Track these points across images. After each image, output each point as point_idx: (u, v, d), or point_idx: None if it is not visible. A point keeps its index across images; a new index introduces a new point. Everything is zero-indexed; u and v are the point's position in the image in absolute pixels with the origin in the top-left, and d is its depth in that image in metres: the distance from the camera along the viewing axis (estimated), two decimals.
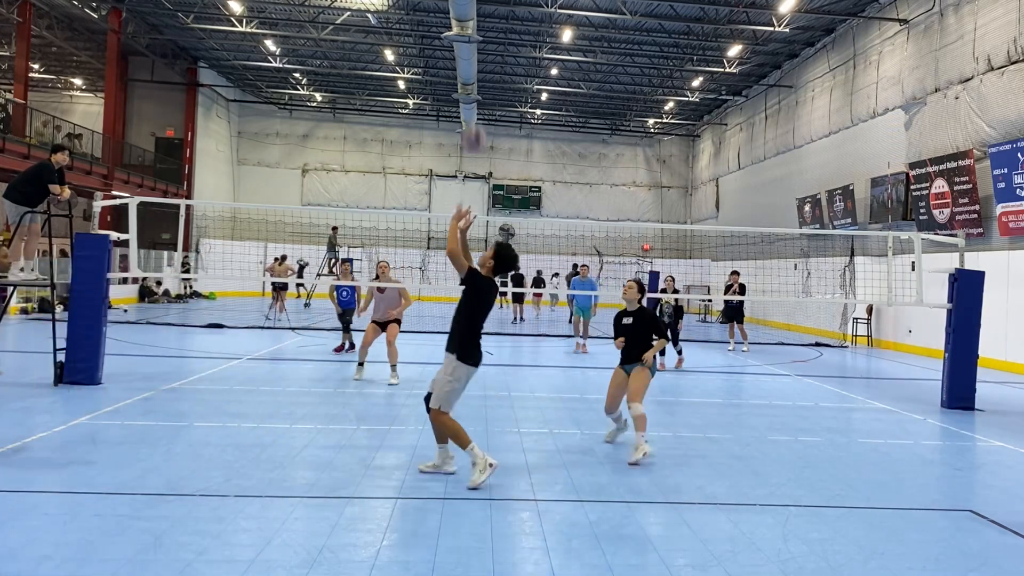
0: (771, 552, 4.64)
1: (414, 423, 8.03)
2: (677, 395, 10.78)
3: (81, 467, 5.85)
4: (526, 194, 38.82)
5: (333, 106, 37.53)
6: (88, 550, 4.21)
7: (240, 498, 5.22)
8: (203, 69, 32.76)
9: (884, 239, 15.22)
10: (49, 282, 10.39)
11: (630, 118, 37.19)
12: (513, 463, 6.51)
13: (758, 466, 6.79)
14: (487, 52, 27.49)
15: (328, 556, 4.27)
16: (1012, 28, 15.31)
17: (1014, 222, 14.88)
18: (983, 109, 16.03)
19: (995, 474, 6.92)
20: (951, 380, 10.28)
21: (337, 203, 37.48)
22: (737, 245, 29.18)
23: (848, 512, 5.50)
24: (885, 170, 19.92)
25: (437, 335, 18.86)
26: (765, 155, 28.96)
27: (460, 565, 4.23)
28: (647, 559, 4.45)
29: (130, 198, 10.41)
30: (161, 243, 29.52)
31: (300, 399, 9.23)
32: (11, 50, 27.72)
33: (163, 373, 10.68)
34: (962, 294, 10.31)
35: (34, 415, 7.65)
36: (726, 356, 16.22)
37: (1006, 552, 4.83)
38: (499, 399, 9.66)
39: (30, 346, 13.39)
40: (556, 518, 5.12)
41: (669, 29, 24.76)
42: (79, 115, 33.94)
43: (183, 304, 27.69)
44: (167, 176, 31.21)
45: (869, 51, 21.26)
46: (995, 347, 14.83)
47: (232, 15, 25.30)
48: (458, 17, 19.28)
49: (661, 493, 5.82)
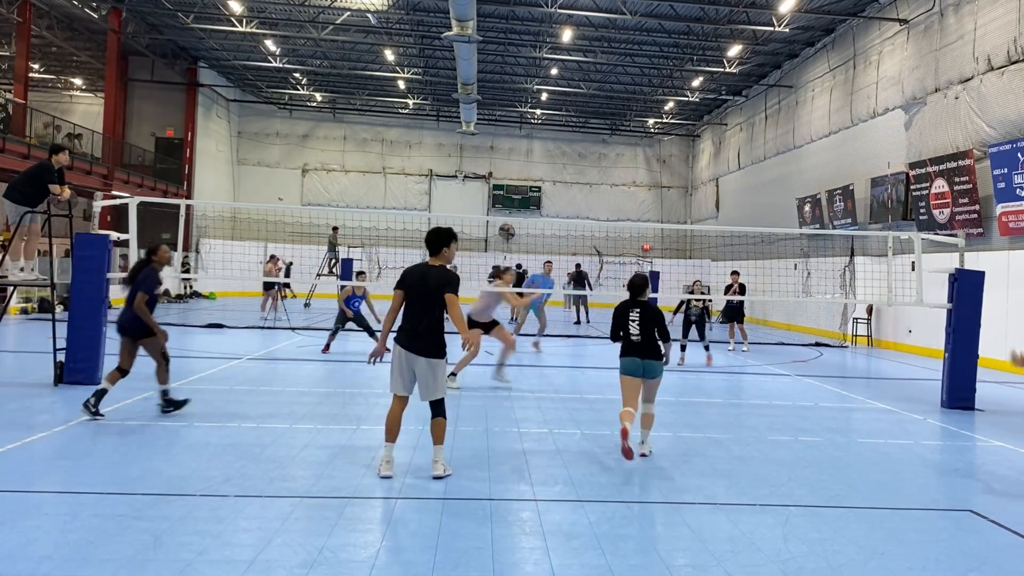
0: (771, 552, 4.64)
1: (414, 423, 8.02)
2: (677, 395, 10.78)
3: (81, 467, 5.85)
4: (526, 194, 38.82)
5: (333, 106, 37.53)
6: (88, 550, 4.21)
7: (240, 498, 5.22)
8: (203, 69, 32.75)
9: (884, 239, 15.21)
10: (49, 282, 10.39)
11: (630, 118, 37.18)
12: (513, 463, 6.51)
13: (758, 466, 6.79)
14: (487, 52, 27.49)
15: (328, 556, 4.27)
16: (1012, 28, 15.31)
17: (1014, 222, 14.88)
18: (983, 109, 16.02)
19: (995, 474, 6.92)
20: (951, 380, 10.28)
21: (337, 203, 37.47)
22: (737, 245, 29.18)
23: (848, 512, 5.50)
24: (885, 170, 19.92)
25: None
26: (765, 155, 28.96)
27: (460, 565, 4.23)
28: (647, 559, 4.45)
29: (130, 198, 10.42)
30: (161, 243, 29.48)
31: (300, 399, 9.22)
32: (11, 50, 27.73)
33: None
34: (962, 294, 10.31)
35: (34, 415, 7.66)
36: (726, 356, 16.22)
37: (1006, 552, 4.83)
38: (499, 399, 9.66)
39: (30, 346, 13.39)
40: (556, 518, 5.12)
41: (669, 29, 24.76)
42: (79, 115, 33.93)
43: (183, 304, 27.69)
44: (167, 176, 31.21)
45: (869, 51, 21.25)
46: (995, 347, 14.82)
47: (232, 15, 25.30)
48: (458, 17, 19.29)
49: (661, 493, 5.82)
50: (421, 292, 5.93)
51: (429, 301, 5.92)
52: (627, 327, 6.92)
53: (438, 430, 6.00)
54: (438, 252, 6.12)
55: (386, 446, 6.01)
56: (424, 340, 5.88)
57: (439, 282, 5.93)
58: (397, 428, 6.02)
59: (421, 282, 5.95)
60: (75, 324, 9.41)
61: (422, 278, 5.97)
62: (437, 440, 6.02)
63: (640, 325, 6.85)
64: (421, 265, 6.12)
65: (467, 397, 9.74)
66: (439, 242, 6.11)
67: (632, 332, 6.88)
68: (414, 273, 6.04)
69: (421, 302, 5.93)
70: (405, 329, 5.96)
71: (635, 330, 6.86)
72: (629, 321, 6.91)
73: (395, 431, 6.02)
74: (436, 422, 6.00)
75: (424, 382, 5.91)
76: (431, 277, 5.95)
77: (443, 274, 5.99)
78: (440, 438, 6.03)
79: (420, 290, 5.93)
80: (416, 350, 5.87)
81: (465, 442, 7.20)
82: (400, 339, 5.96)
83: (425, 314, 5.91)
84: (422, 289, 5.93)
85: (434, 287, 5.90)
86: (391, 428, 6.00)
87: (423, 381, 5.91)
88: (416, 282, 5.96)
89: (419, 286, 5.94)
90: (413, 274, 6.03)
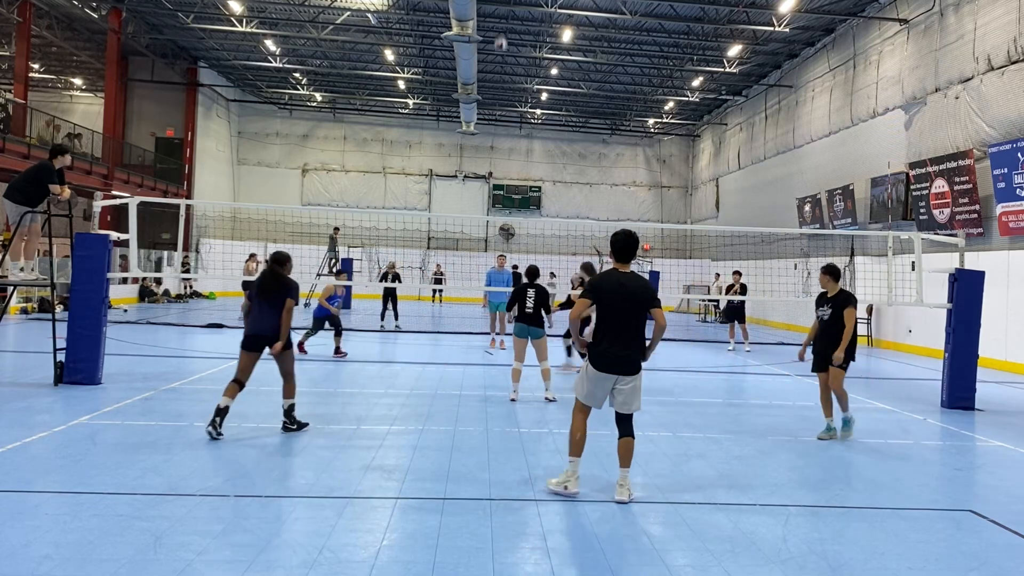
0: (771, 552, 4.64)
1: (414, 423, 8.03)
2: (677, 395, 10.78)
3: (81, 467, 5.84)
4: (526, 194, 38.81)
5: (333, 106, 37.53)
6: (88, 550, 4.21)
7: (240, 498, 5.22)
8: (203, 69, 32.75)
9: (884, 239, 15.22)
10: (49, 282, 10.39)
11: (630, 118, 37.18)
12: (513, 463, 6.51)
13: (758, 466, 6.79)
14: (487, 52, 27.47)
15: (328, 556, 4.27)
16: (1012, 28, 15.31)
17: (1014, 222, 14.88)
18: (983, 109, 16.02)
19: (995, 474, 6.92)
20: (951, 380, 10.28)
21: (337, 203, 37.48)
22: (737, 245, 29.19)
23: (848, 512, 5.50)
24: (885, 170, 19.92)
25: (436, 335, 18.87)
26: (765, 155, 28.96)
27: (460, 565, 4.23)
28: (647, 559, 4.45)
29: (130, 198, 10.42)
30: (161, 243, 29.51)
31: (300, 399, 9.19)
32: (11, 50, 27.73)
33: (163, 373, 10.68)
34: (962, 294, 10.31)
35: (34, 415, 7.65)
36: (726, 356, 16.22)
37: (1006, 552, 4.83)
38: (499, 399, 9.66)
39: (30, 346, 13.39)
40: (556, 518, 5.12)
41: (669, 29, 24.76)
42: (79, 115, 33.95)
43: (183, 304, 27.69)
44: (167, 176, 31.21)
45: (869, 51, 21.25)
46: (995, 347, 14.83)
47: (232, 15, 25.30)
48: (458, 17, 19.28)
49: (661, 493, 5.82)
50: (625, 306, 5.37)
51: (635, 315, 5.41)
52: (524, 302, 9.59)
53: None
54: (630, 258, 5.58)
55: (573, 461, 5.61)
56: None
57: (648, 294, 5.46)
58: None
59: (623, 292, 5.39)
60: (75, 324, 9.41)
61: (621, 287, 5.41)
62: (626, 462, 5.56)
63: (534, 301, 9.59)
64: (614, 273, 5.54)
65: (467, 397, 9.74)
66: (633, 247, 5.60)
67: (527, 306, 9.58)
68: (610, 282, 5.44)
69: (625, 317, 5.37)
70: (604, 347, 5.40)
71: (530, 304, 9.59)
72: (527, 297, 9.60)
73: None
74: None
75: (626, 398, 5.51)
76: (634, 289, 5.43)
77: (645, 285, 5.53)
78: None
79: (624, 302, 5.37)
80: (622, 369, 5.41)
81: (465, 442, 7.21)
82: (598, 362, 5.43)
83: (630, 328, 5.40)
84: (627, 300, 5.38)
85: (645, 299, 5.41)
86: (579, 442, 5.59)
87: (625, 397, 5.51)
88: (616, 293, 5.39)
89: (622, 297, 5.37)
90: (609, 283, 5.43)
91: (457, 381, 11.09)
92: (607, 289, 5.44)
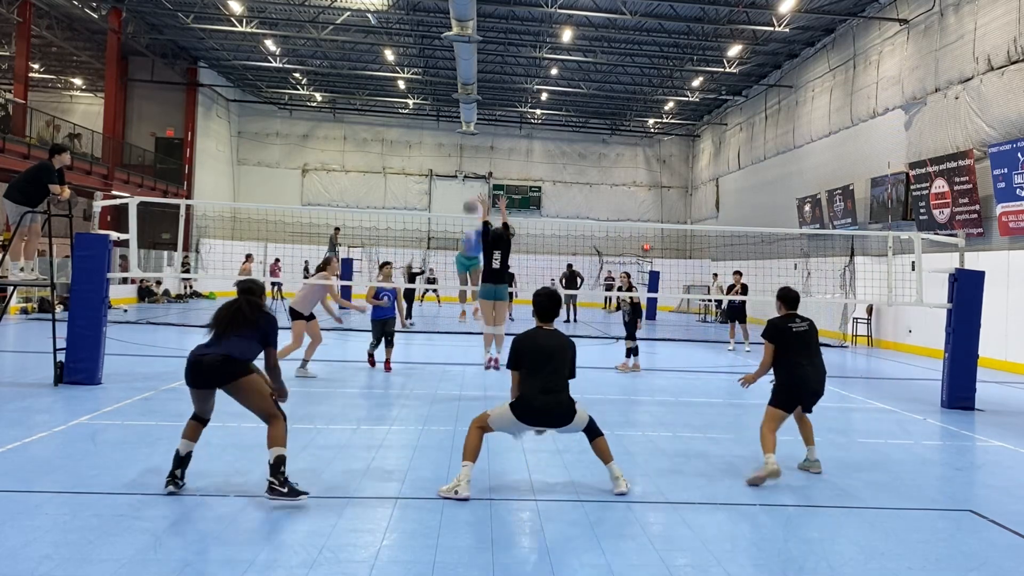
0: (771, 552, 4.64)
1: (414, 423, 8.03)
2: (677, 395, 10.78)
3: (81, 467, 5.84)
4: (526, 194, 38.81)
5: (333, 106, 37.53)
6: (88, 550, 4.21)
7: (240, 498, 5.22)
8: (203, 69, 32.76)
9: (884, 239, 15.21)
10: (49, 282, 10.39)
11: (630, 118, 37.19)
12: (513, 463, 6.51)
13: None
14: (487, 52, 27.49)
15: (328, 556, 4.27)
16: (1012, 28, 15.31)
17: (1014, 222, 14.88)
18: (983, 109, 16.02)
19: (995, 474, 6.92)
20: (951, 380, 10.28)
21: (337, 203, 37.48)
22: (737, 245, 29.18)
23: (848, 512, 5.50)
24: (885, 170, 19.92)
25: (434, 335, 18.87)
26: (765, 155, 28.96)
27: (460, 565, 4.23)
28: (647, 559, 4.45)
29: (130, 198, 10.41)
30: (161, 243, 29.50)
31: (300, 399, 9.21)
32: (11, 50, 27.73)
33: (163, 373, 10.68)
34: (962, 294, 10.31)
35: (34, 415, 7.65)
36: (727, 356, 16.21)
37: (1006, 552, 4.83)
38: (499, 399, 9.63)
39: (30, 346, 13.38)
40: (556, 518, 5.12)
41: (669, 29, 24.76)
42: (79, 115, 33.95)
43: (183, 304, 27.69)
44: (167, 176, 31.22)
45: (869, 51, 21.25)
46: (995, 347, 14.83)
47: (232, 15, 25.30)
48: (458, 17, 19.29)
49: (661, 493, 5.82)
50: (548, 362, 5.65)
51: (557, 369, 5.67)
52: (491, 261, 9.54)
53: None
54: (552, 318, 5.84)
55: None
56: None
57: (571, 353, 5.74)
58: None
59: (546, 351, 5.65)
60: (75, 324, 9.40)
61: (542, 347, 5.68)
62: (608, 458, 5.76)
63: (500, 258, 9.58)
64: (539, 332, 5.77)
65: (466, 398, 9.74)
66: (556, 308, 5.88)
67: (494, 264, 9.50)
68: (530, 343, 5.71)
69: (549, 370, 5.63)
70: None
71: (496, 262, 9.52)
72: (492, 259, 9.56)
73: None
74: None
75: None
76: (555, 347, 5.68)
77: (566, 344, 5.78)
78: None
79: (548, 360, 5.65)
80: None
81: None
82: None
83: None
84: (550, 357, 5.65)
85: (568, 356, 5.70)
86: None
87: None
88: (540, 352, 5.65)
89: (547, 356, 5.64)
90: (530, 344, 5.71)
91: (457, 381, 11.09)
92: (529, 350, 5.64)
